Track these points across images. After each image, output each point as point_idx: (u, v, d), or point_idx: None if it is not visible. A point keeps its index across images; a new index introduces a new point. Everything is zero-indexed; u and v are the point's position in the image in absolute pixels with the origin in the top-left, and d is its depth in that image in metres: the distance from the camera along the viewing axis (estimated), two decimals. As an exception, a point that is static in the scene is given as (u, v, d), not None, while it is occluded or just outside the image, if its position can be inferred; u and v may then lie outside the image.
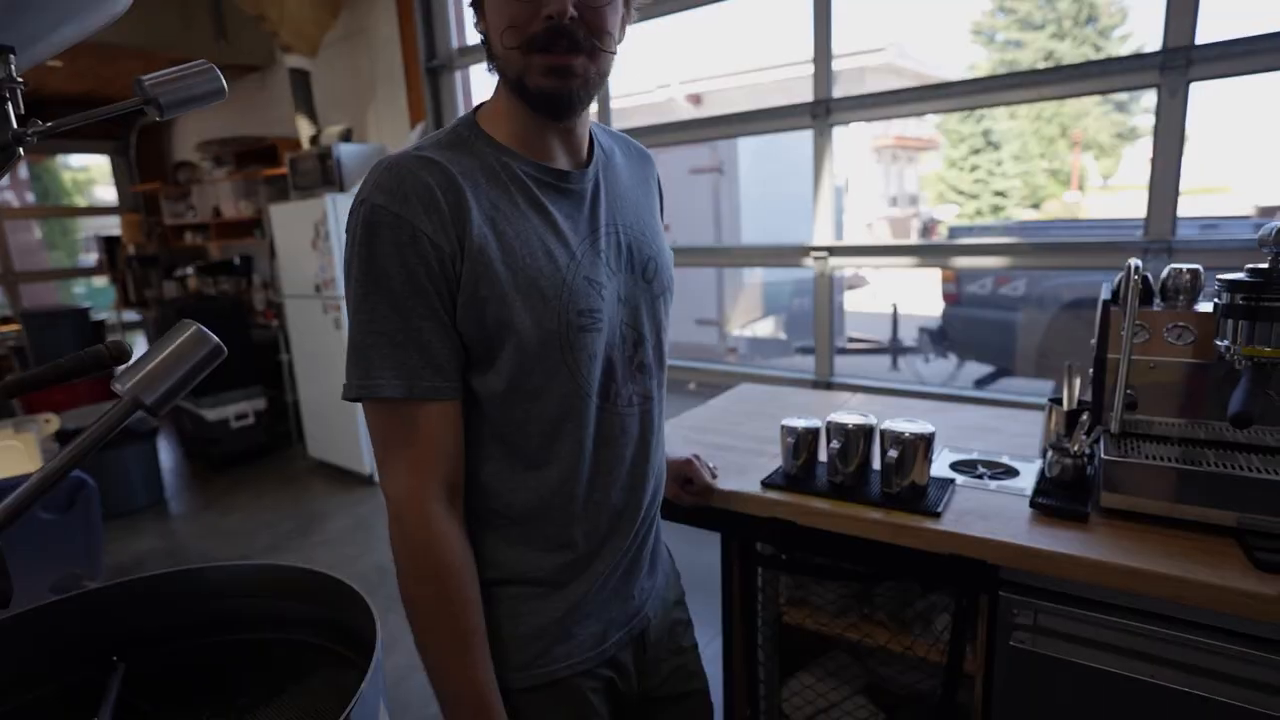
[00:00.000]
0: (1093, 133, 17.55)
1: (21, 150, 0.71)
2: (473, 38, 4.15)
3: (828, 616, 1.32)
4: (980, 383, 4.66)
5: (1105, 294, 1.23)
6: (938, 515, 1.13)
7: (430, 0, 4.15)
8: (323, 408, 4.24)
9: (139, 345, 7.29)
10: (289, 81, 4.39)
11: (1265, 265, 1.00)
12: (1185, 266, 1.22)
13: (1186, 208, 2.26)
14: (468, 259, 0.74)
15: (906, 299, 6.54)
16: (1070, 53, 17.34)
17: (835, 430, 1.24)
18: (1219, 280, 1.04)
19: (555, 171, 0.83)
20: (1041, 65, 17.60)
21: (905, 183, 17.20)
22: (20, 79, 0.68)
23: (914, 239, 14.28)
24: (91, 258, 7.65)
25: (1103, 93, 2.37)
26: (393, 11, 4.25)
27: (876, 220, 14.50)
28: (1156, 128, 2.23)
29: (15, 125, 0.69)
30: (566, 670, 0.86)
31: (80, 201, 8.11)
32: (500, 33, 0.75)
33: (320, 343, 4.07)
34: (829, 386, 3.05)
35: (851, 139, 14.47)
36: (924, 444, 1.18)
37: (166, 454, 4.80)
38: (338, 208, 3.75)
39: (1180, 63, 2.15)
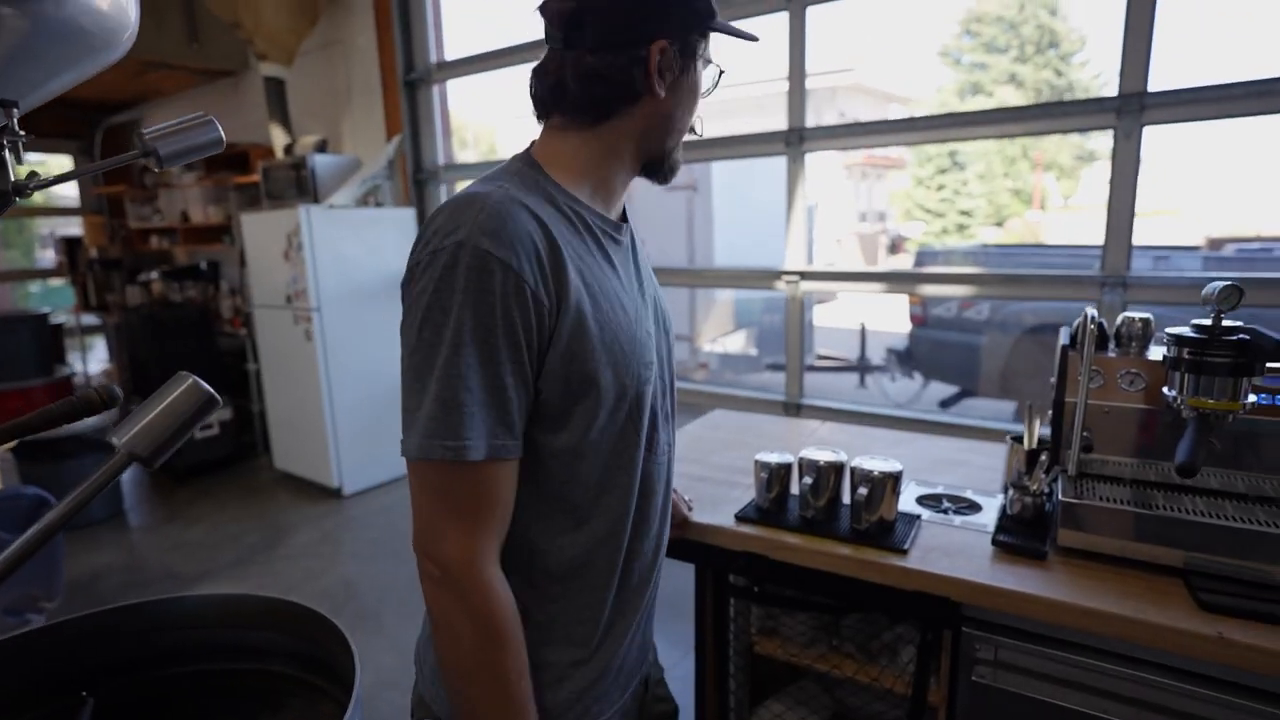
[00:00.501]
0: (1053, 154, 18.12)
1: (18, 198, 0.72)
2: (452, 53, 4.16)
3: (798, 647, 1.36)
4: (945, 403, 4.79)
5: (1064, 339, 1.30)
6: (904, 552, 1.18)
7: (409, 12, 4.15)
8: (290, 419, 4.18)
9: (99, 349, 7.09)
10: (263, 89, 4.35)
11: (1209, 321, 1.07)
12: (1137, 315, 1.29)
13: (1140, 234, 2.38)
14: (565, 314, 0.73)
15: (875, 316, 6.68)
16: (1031, 75, 17.91)
17: (808, 466, 1.28)
18: (1167, 334, 1.10)
19: (614, 223, 0.85)
20: (1004, 85, 18.14)
21: (874, 199, 17.56)
22: (22, 131, 0.69)
23: (881, 255, 14.55)
24: (49, 256, 7.44)
25: (1062, 132, 2.48)
26: (370, 22, 4.24)
27: (846, 236, 14.78)
28: (1113, 168, 2.33)
29: (13, 177, 0.69)
30: None
31: (38, 198, 7.88)
32: (685, 118, 0.85)
33: (290, 354, 4.02)
34: (798, 410, 3.11)
35: (823, 157, 14.71)
36: (892, 481, 1.23)
37: (126, 464, 4.67)
38: (312, 219, 3.72)
39: (1134, 108, 2.26)
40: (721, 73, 0.87)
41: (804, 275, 3.01)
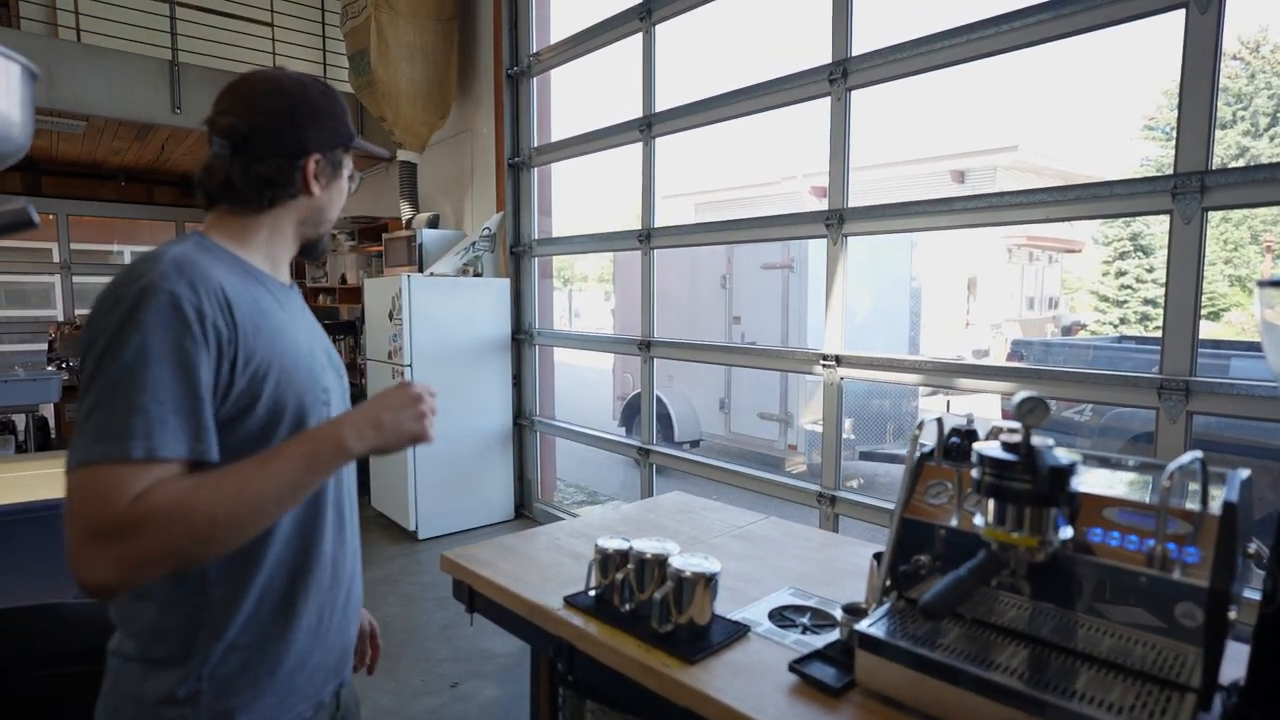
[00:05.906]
0: (1290, 238, 15.51)
1: None
2: (555, 134, 4.52)
3: (616, 751, 1.27)
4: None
5: (927, 446, 1.15)
6: (691, 663, 1.08)
7: (518, 106, 4.59)
8: (382, 462, 4.58)
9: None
10: (399, 171, 4.99)
11: (1019, 439, 0.91)
12: (1007, 424, 1.11)
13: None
14: (243, 341, 0.85)
15: (989, 408, 6.01)
16: (1269, 151, 15.64)
17: (633, 557, 1.22)
18: (976, 452, 0.95)
19: (279, 283, 1.01)
20: (1235, 160, 16.00)
21: (1046, 284, 15.95)
22: None
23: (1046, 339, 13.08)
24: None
25: (1108, 216, 2.19)
26: (492, 114, 4.75)
27: (1005, 322, 13.47)
28: (1169, 255, 2.02)
29: None
30: None
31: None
32: (333, 211, 1.06)
33: (387, 404, 4.43)
34: (833, 502, 2.90)
35: (980, 236, 13.69)
36: (704, 583, 1.14)
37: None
38: (411, 284, 4.15)
39: (1193, 188, 1.96)
40: (361, 179, 1.13)
41: (840, 360, 2.85)
